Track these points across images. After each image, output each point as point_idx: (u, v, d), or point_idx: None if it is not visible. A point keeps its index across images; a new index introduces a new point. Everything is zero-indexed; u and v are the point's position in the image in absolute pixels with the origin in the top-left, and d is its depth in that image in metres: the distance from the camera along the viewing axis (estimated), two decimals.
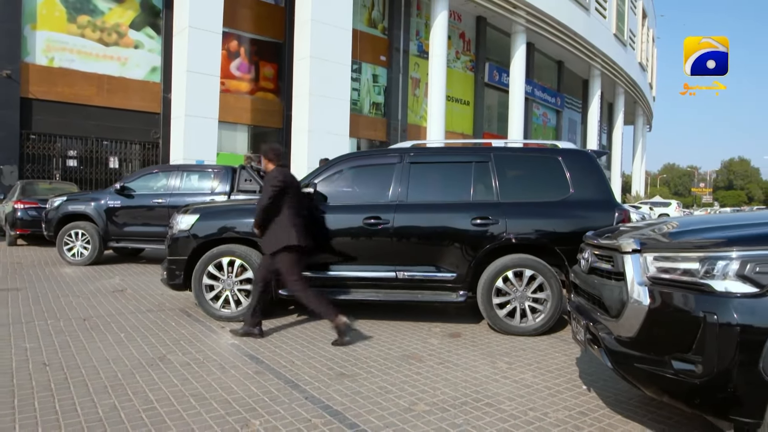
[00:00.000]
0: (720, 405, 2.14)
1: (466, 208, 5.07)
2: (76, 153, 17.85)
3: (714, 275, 2.14)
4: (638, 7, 43.52)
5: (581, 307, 3.04)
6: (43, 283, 6.95)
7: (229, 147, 19.82)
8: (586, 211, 4.93)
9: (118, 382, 3.46)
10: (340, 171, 5.35)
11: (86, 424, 2.83)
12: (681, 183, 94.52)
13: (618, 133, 42.36)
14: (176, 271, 5.25)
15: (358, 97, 23.05)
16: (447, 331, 5.03)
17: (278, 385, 3.49)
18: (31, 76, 16.74)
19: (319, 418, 2.99)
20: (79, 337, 4.46)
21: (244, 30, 20.51)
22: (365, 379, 3.64)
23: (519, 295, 4.92)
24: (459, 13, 26.80)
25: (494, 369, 3.94)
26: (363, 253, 5.10)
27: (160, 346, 4.29)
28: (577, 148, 5.52)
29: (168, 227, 5.61)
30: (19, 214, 10.69)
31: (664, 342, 2.26)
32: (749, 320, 2.03)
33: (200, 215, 5.25)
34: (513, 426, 2.96)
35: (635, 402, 3.32)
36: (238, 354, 4.15)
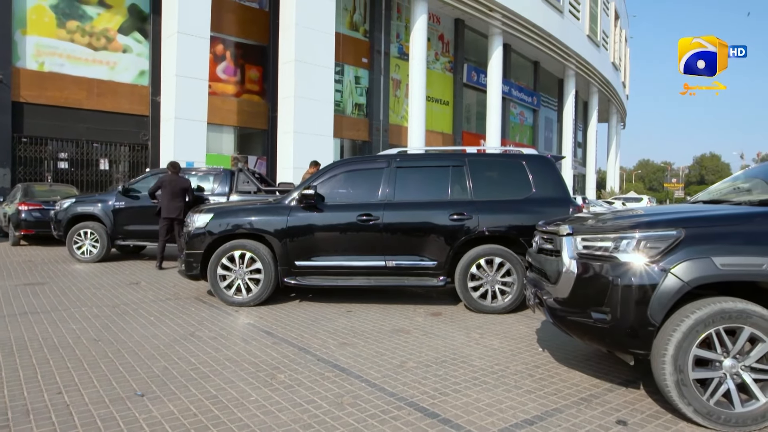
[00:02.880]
0: (623, 342, 3.01)
1: (445, 205, 5.92)
2: (67, 155, 18.29)
3: (620, 250, 3.01)
4: (611, 8, 44.92)
5: (532, 279, 3.92)
6: (62, 278, 7.62)
7: (215, 148, 20.38)
8: (546, 207, 5.79)
9: (162, 351, 4.22)
10: (336, 175, 6.16)
11: (148, 379, 3.59)
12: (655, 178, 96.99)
13: (592, 130, 43.77)
14: (193, 263, 6.01)
15: (341, 98, 23.76)
16: (429, 311, 5.88)
17: (293, 351, 4.29)
18: (22, 80, 17.14)
19: (330, 372, 3.80)
20: (115, 320, 5.20)
21: (230, 34, 21.08)
22: (363, 347, 4.45)
23: (490, 280, 5.79)
24: (438, 16, 27.67)
25: (468, 338, 4.79)
26: (356, 245, 5.91)
27: (187, 325, 5.05)
28: (539, 154, 6.40)
29: (184, 225, 6.35)
30: (23, 215, 11.25)
31: (586, 299, 3.12)
32: (640, 281, 2.90)
33: (214, 214, 6.01)
34: (481, 375, 3.80)
35: (578, 359, 4.19)
36: (255, 330, 4.93)
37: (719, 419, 2.86)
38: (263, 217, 5.97)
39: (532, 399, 3.35)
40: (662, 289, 2.83)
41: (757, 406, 2.85)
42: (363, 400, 3.28)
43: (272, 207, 6.11)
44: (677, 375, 2.86)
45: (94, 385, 3.45)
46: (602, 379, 3.75)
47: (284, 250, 5.85)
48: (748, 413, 2.85)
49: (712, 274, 2.79)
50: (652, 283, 2.87)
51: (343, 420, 2.99)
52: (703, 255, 2.81)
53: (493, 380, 3.69)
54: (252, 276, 5.91)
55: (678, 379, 2.86)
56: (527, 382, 3.67)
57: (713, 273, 2.79)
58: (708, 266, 2.79)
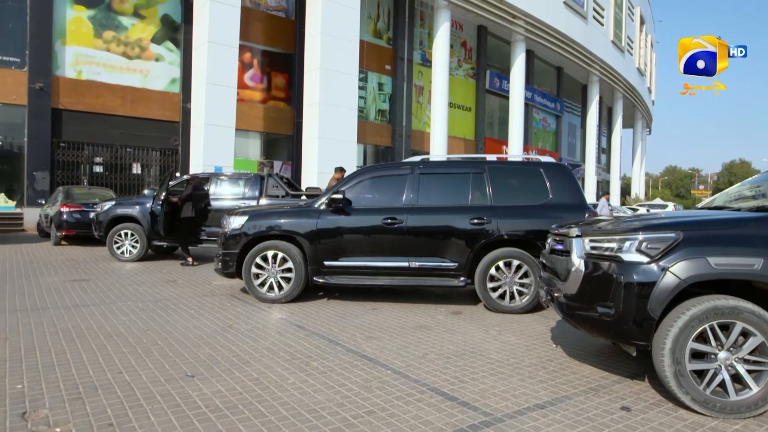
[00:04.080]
0: (625, 334, 3.30)
1: (466, 210, 6.24)
2: (102, 159, 19.10)
3: (624, 250, 3.31)
4: (636, 13, 44.61)
5: (546, 278, 4.23)
6: (105, 276, 8.14)
7: (242, 153, 20.97)
8: (562, 212, 6.06)
9: (205, 340, 4.63)
10: (362, 181, 6.54)
11: (196, 363, 4.00)
12: (682, 185, 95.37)
13: (617, 136, 43.41)
14: (229, 262, 6.44)
15: (365, 104, 24.22)
16: (450, 310, 6.20)
17: (324, 342, 4.66)
18: (61, 88, 17.99)
19: (358, 361, 4.16)
20: (159, 313, 5.64)
21: (257, 42, 21.72)
22: (388, 340, 4.80)
23: (508, 281, 6.09)
24: (461, 23, 27.96)
25: (487, 334, 5.10)
26: (382, 247, 6.27)
27: (225, 319, 5.47)
28: (556, 162, 6.68)
29: (220, 227, 6.79)
30: (65, 216, 11.89)
31: (592, 295, 3.43)
32: (642, 278, 3.20)
33: (249, 216, 6.44)
34: (498, 366, 4.11)
35: (590, 354, 4.48)
36: (288, 324, 5.32)
37: (715, 407, 3.13)
38: (294, 220, 6.38)
39: (544, 387, 3.66)
40: (661, 286, 3.13)
41: (751, 394, 3.12)
42: (389, 385, 3.63)
43: (303, 210, 6.52)
44: (675, 366, 3.14)
45: (149, 367, 3.86)
46: (611, 372, 4.03)
47: (314, 250, 6.24)
48: (743, 401, 3.12)
49: (707, 272, 3.08)
50: (652, 280, 3.16)
51: (372, 400, 3.34)
52: (699, 255, 3.09)
53: (509, 371, 4.00)
54: (283, 275, 6.31)
55: (676, 370, 3.14)
56: (540, 373, 3.98)
57: (707, 271, 3.07)
58: (703, 265, 3.08)
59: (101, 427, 2.86)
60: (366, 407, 3.23)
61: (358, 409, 3.20)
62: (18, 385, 3.45)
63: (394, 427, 2.96)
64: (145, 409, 3.10)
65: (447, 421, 3.06)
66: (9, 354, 4.10)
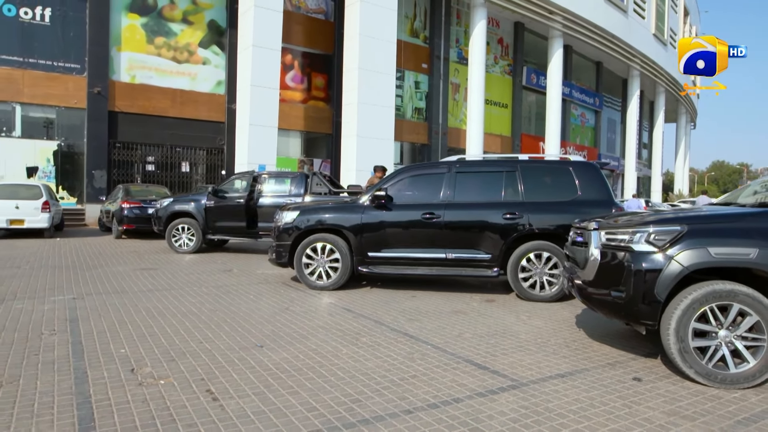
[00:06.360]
0: (636, 314, 3.77)
1: (499, 206, 6.74)
2: (154, 159, 20.27)
3: (635, 241, 3.78)
4: (679, 5, 43.60)
5: (569, 267, 4.72)
6: (168, 265, 8.97)
7: (283, 151, 21.81)
8: (590, 208, 6.49)
9: (267, 319, 5.30)
10: (403, 179, 7.11)
11: (262, 336, 4.66)
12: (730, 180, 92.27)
13: (659, 131, 42.56)
14: (282, 253, 7.13)
15: (402, 103, 24.76)
16: (484, 298, 6.72)
17: (370, 323, 5.26)
18: (117, 92, 19.20)
19: (402, 338, 4.74)
20: (223, 297, 6.36)
21: (298, 44, 22.51)
22: (428, 322, 5.36)
23: (539, 272, 6.56)
24: (497, 20, 28.14)
25: (517, 319, 5.61)
26: (421, 239, 6.83)
27: (281, 302, 6.14)
28: (585, 161, 7.10)
29: (274, 221, 7.49)
30: (126, 212, 12.91)
31: (607, 280, 3.91)
32: (650, 266, 3.66)
33: (300, 211, 7.11)
34: (526, 344, 4.63)
35: (611, 336, 4.94)
36: (337, 307, 5.95)
37: (717, 379, 3.58)
38: (341, 215, 7.00)
39: (566, 362, 4.16)
40: (666, 272, 3.59)
41: (749, 367, 3.55)
42: (429, 357, 4.19)
43: (348, 206, 7.14)
44: (680, 344, 3.60)
45: (223, 339, 4.54)
46: (628, 351, 4.49)
47: (359, 242, 6.85)
48: (741, 374, 3.55)
49: (706, 260, 3.52)
50: (659, 267, 3.63)
51: (415, 368, 3.92)
52: (700, 246, 3.54)
53: (535, 348, 4.51)
54: (331, 264, 6.95)
55: (680, 347, 3.60)
56: (564, 350, 4.47)
57: (707, 260, 3.52)
58: (703, 254, 3.53)
59: (195, 381, 3.53)
60: (410, 372, 3.81)
61: (403, 374, 3.78)
62: (121, 350, 4.17)
63: (435, 387, 3.53)
64: (228, 370, 3.76)
65: (479, 383, 3.61)
66: (107, 327, 4.85)
